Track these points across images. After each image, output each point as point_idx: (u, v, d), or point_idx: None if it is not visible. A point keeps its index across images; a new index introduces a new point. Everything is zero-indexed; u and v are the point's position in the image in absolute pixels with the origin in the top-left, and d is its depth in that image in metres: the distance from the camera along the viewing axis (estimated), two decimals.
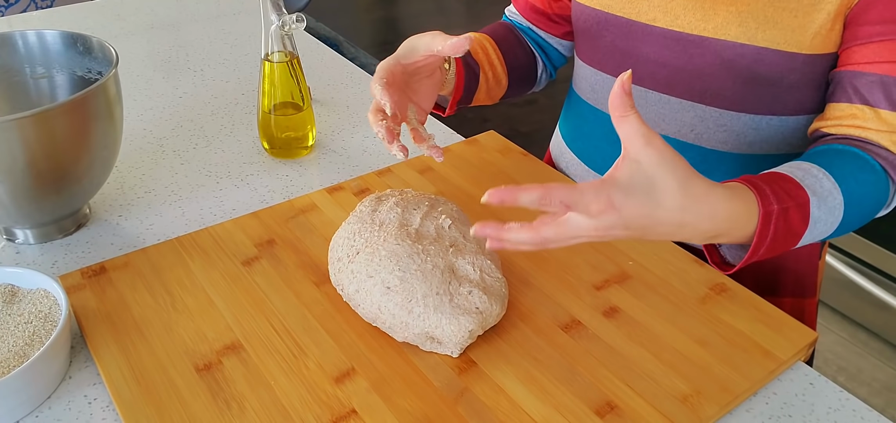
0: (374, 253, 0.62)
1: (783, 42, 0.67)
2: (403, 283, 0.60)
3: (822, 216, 0.61)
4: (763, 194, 0.58)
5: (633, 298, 0.67)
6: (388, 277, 0.60)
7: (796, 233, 0.61)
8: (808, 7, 0.66)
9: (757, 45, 0.68)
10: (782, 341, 0.63)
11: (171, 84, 1.09)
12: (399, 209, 0.66)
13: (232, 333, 0.62)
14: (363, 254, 0.63)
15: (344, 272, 0.64)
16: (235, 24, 1.32)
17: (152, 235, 0.77)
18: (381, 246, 0.62)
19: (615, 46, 0.78)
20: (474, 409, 0.56)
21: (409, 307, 0.59)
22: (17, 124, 0.63)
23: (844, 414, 0.59)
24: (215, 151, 0.92)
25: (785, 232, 0.59)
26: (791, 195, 0.60)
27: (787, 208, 0.59)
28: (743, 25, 0.68)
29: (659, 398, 0.57)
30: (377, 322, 0.62)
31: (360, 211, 0.68)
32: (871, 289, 1.75)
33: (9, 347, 0.57)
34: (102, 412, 0.57)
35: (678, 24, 0.72)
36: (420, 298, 0.59)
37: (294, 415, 0.55)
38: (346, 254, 0.64)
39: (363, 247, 0.64)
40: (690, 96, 0.74)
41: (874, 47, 0.65)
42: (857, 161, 0.65)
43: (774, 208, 0.58)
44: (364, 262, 0.62)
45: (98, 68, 0.78)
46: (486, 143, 0.92)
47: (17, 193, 0.67)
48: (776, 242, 0.59)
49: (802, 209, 0.60)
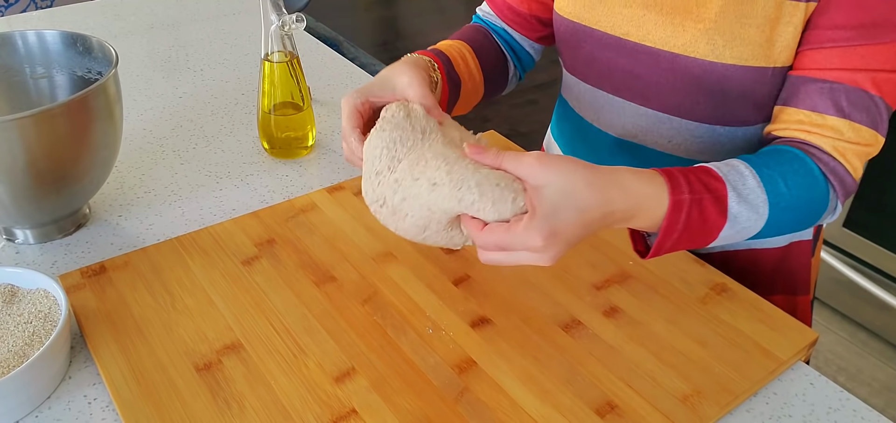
0: (420, 157, 0.58)
1: (751, 57, 0.67)
2: (451, 175, 0.56)
3: (742, 213, 0.61)
4: (675, 183, 0.58)
5: (633, 298, 0.67)
6: (434, 174, 0.57)
7: (714, 226, 0.60)
8: (774, 21, 0.66)
9: (724, 62, 0.68)
10: (782, 341, 0.63)
11: (171, 84, 1.09)
12: (434, 120, 0.63)
13: (232, 333, 0.62)
14: (407, 161, 0.59)
15: (386, 184, 0.59)
16: (235, 24, 1.32)
17: (152, 235, 0.77)
18: (427, 151, 0.59)
19: (593, 57, 0.78)
20: (474, 409, 0.56)
21: (460, 196, 0.56)
22: (17, 124, 0.63)
23: (844, 414, 0.59)
24: (215, 151, 0.92)
25: (700, 223, 0.59)
26: (708, 188, 0.60)
27: (700, 200, 0.59)
28: (711, 43, 0.68)
29: (659, 398, 0.57)
30: (427, 232, 0.59)
31: (393, 117, 0.62)
32: (871, 289, 1.75)
33: (9, 347, 0.57)
34: (102, 412, 0.57)
35: (650, 40, 0.72)
36: (474, 185, 0.55)
37: (294, 415, 0.55)
38: (386, 166, 0.60)
39: (406, 155, 0.59)
40: (666, 109, 0.75)
41: (826, 53, 0.65)
42: (794, 163, 0.64)
43: (686, 198, 0.58)
44: (408, 167, 0.58)
45: (98, 68, 0.78)
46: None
47: (17, 193, 0.67)
48: (690, 232, 0.59)
49: (720, 203, 0.60)
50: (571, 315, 0.65)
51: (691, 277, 0.70)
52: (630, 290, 0.68)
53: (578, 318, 0.65)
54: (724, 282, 0.69)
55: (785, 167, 0.64)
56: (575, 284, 0.69)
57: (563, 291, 0.68)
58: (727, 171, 0.62)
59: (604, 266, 0.71)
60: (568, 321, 0.64)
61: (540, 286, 0.68)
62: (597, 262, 0.71)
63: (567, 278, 0.69)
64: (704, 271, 0.71)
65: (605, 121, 0.80)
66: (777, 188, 0.62)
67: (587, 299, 0.67)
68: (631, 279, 0.69)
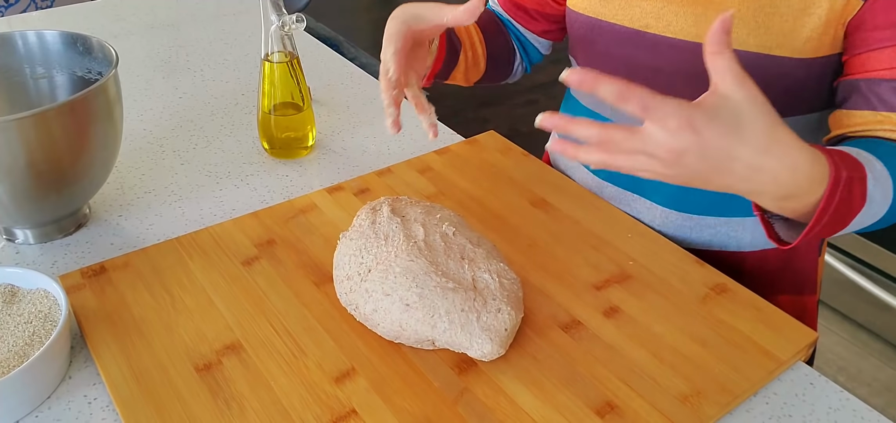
0: (388, 270, 0.61)
1: (774, 46, 0.67)
2: (422, 299, 0.59)
3: (876, 196, 0.59)
4: (833, 160, 0.55)
5: (633, 298, 0.67)
6: (406, 294, 0.59)
7: (853, 209, 0.57)
8: (799, 12, 0.66)
9: (748, 50, 0.68)
10: (782, 342, 0.63)
11: (171, 84, 1.09)
12: (398, 219, 0.66)
13: (232, 333, 0.62)
14: (375, 271, 0.62)
15: (357, 292, 0.62)
16: (235, 24, 1.32)
17: (152, 235, 0.77)
18: (393, 262, 0.61)
19: (610, 53, 0.77)
20: (474, 409, 0.56)
21: (433, 323, 0.59)
22: (17, 124, 0.63)
23: (844, 414, 0.59)
24: (215, 151, 0.92)
25: (847, 204, 0.56)
26: (853, 168, 0.56)
27: (852, 179, 0.55)
28: (734, 31, 0.67)
29: (659, 398, 0.57)
30: (400, 339, 0.61)
31: (360, 225, 0.67)
32: (871, 289, 1.75)
33: (9, 347, 0.57)
34: (102, 412, 0.57)
35: (671, 31, 0.72)
36: (444, 314, 0.59)
37: (294, 415, 0.55)
38: (356, 272, 0.63)
39: (374, 264, 0.62)
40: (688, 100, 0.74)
41: (889, 52, 0.64)
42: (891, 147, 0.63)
43: (844, 175, 0.54)
44: (378, 280, 0.61)
45: (98, 68, 0.78)
46: (486, 143, 0.92)
47: (17, 193, 0.67)
48: (837, 214, 0.56)
49: (862, 183, 0.57)
50: (571, 315, 0.65)
51: (691, 277, 0.70)
52: (630, 290, 0.68)
53: (578, 318, 0.65)
54: (724, 282, 0.69)
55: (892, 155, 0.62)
56: (575, 284, 0.69)
57: (562, 291, 0.68)
58: (857, 154, 0.59)
59: (604, 266, 0.71)
60: (568, 321, 0.64)
61: (540, 287, 0.68)
62: (597, 262, 0.71)
63: (567, 278, 0.69)
64: (704, 271, 0.71)
65: (623, 118, 0.80)
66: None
67: (587, 299, 0.67)
68: (631, 279, 0.69)
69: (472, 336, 0.58)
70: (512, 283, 0.63)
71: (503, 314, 0.59)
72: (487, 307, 0.59)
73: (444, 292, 0.59)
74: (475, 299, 0.60)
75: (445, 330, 0.58)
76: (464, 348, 0.58)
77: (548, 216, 0.78)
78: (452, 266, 0.62)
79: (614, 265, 0.71)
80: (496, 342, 0.58)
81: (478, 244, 0.65)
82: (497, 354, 0.58)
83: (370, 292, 0.61)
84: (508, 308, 0.60)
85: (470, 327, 0.58)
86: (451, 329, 0.58)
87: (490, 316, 0.59)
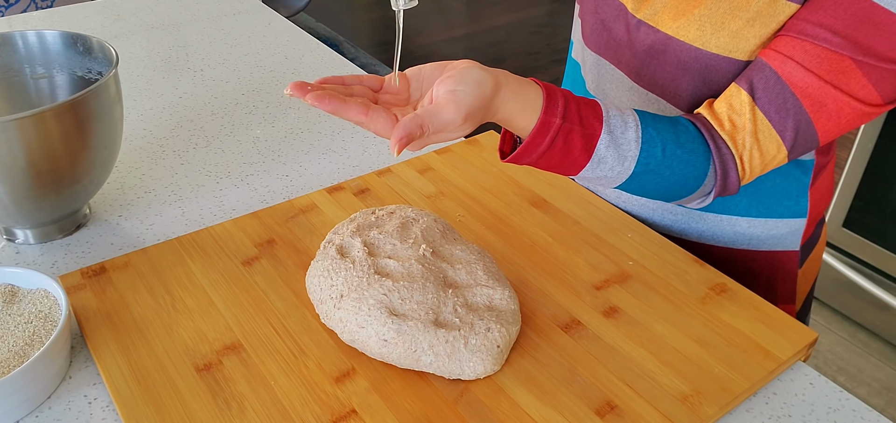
0: (361, 301, 0.59)
1: (734, 50, 0.66)
2: (401, 335, 0.57)
3: (608, 158, 0.61)
4: (552, 104, 0.59)
5: (633, 298, 0.67)
6: (382, 329, 0.57)
7: (576, 160, 0.61)
8: (767, 19, 0.64)
9: (709, 50, 0.67)
10: (782, 342, 0.63)
11: (171, 84, 1.09)
12: (359, 240, 0.64)
13: (232, 333, 0.62)
14: (348, 299, 0.59)
15: (332, 318, 0.60)
16: (235, 24, 1.32)
17: (152, 235, 0.77)
18: (365, 291, 0.59)
19: (604, 25, 0.78)
20: (474, 409, 0.56)
21: (416, 358, 0.57)
22: (17, 124, 0.63)
23: (844, 414, 0.59)
24: (215, 151, 0.92)
25: (563, 152, 0.60)
26: (584, 122, 0.60)
27: (570, 130, 0.59)
28: (700, 29, 0.67)
29: (659, 398, 0.57)
30: (387, 361, 0.59)
31: (324, 248, 0.65)
32: (871, 289, 1.75)
33: (9, 347, 0.57)
34: (102, 412, 0.57)
35: (654, 20, 0.72)
36: (427, 348, 0.57)
37: (294, 415, 0.55)
38: (328, 296, 0.61)
39: (347, 291, 0.60)
40: (654, 89, 0.74)
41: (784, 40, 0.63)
42: (687, 134, 0.64)
43: (556, 122, 0.58)
44: (352, 309, 0.59)
45: (98, 68, 0.78)
46: (486, 143, 0.92)
47: (17, 193, 0.67)
48: (552, 157, 0.60)
49: (589, 140, 0.60)
50: (571, 315, 0.65)
51: (691, 277, 0.70)
52: (630, 290, 0.68)
53: (578, 318, 0.65)
54: (724, 282, 0.69)
55: (672, 136, 0.64)
56: (575, 284, 0.69)
57: (562, 291, 0.68)
58: (614, 115, 0.62)
59: (604, 266, 0.71)
60: (568, 321, 0.64)
61: (540, 287, 0.68)
62: (597, 262, 0.72)
63: (567, 278, 0.69)
64: (704, 271, 0.71)
65: (603, 90, 0.81)
66: (653, 151, 0.63)
67: (587, 299, 0.67)
68: (631, 279, 0.69)
69: (462, 362, 0.57)
70: (503, 298, 0.61)
71: (493, 333, 0.58)
72: (475, 329, 0.58)
73: (426, 326, 0.57)
74: (460, 328, 0.58)
75: (432, 363, 0.57)
76: (455, 374, 0.57)
77: (548, 216, 0.78)
78: (430, 297, 0.59)
79: (614, 265, 0.71)
80: (488, 362, 0.57)
81: (465, 259, 0.64)
82: (491, 371, 0.58)
83: (345, 321, 0.59)
84: (498, 326, 0.59)
85: (458, 355, 0.57)
86: (437, 361, 0.57)
87: (479, 337, 0.57)
